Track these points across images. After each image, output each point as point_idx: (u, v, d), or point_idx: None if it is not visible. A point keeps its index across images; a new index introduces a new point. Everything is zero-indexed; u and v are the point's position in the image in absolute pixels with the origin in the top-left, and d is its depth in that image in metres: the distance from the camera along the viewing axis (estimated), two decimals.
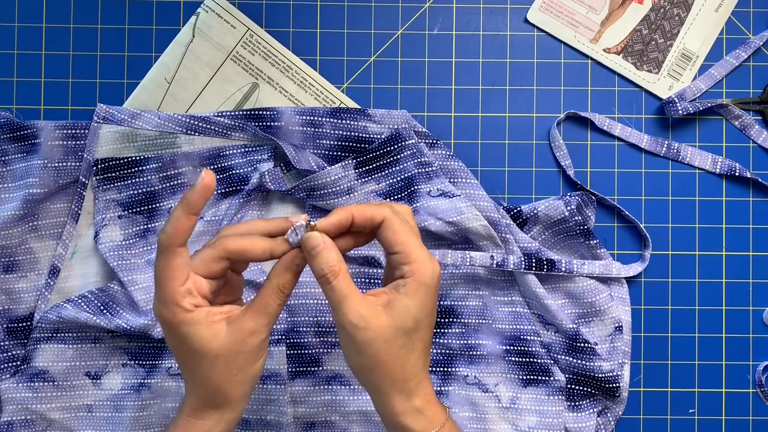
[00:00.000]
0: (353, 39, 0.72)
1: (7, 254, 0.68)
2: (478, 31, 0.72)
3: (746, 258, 0.72)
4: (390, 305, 0.50)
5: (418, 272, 0.49)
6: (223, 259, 0.50)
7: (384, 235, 0.51)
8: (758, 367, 0.71)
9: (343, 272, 0.49)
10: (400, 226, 0.50)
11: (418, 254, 0.50)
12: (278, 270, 0.51)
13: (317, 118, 0.69)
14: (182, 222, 0.48)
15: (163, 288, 0.48)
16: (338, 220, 0.50)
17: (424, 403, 0.52)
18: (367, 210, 0.51)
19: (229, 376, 0.50)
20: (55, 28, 0.71)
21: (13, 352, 0.68)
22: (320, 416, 0.68)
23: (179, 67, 0.70)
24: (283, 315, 0.68)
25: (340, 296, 0.49)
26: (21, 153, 0.68)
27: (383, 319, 0.49)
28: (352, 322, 0.49)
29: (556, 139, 0.71)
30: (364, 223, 0.51)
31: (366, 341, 0.49)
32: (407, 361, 0.50)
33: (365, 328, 0.49)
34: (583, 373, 0.68)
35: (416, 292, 0.49)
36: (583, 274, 0.68)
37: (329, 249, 0.50)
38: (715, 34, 0.72)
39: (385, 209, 0.51)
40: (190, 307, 0.49)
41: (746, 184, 0.72)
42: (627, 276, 0.69)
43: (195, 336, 0.49)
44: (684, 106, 0.70)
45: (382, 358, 0.49)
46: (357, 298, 0.49)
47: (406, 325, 0.49)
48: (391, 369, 0.50)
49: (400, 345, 0.50)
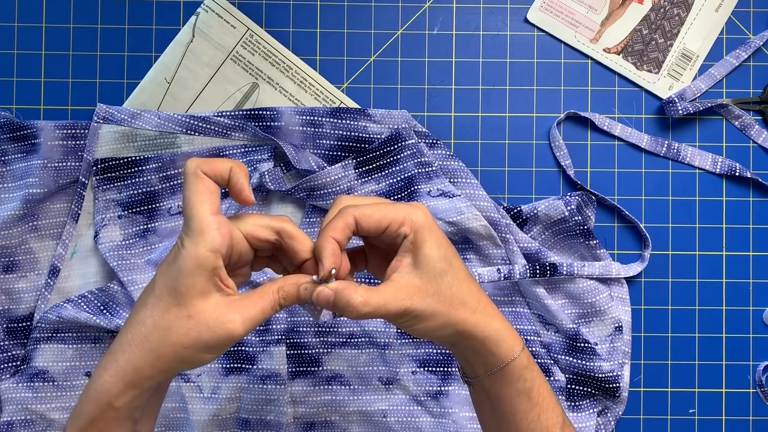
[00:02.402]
0: (353, 39, 0.72)
1: (7, 254, 0.68)
2: (478, 31, 0.72)
3: (746, 258, 0.72)
4: (413, 266, 0.49)
5: (413, 222, 0.49)
6: (273, 232, 0.49)
7: (366, 225, 0.49)
8: (758, 367, 0.71)
9: (367, 295, 0.47)
10: (369, 207, 0.49)
11: (402, 211, 0.50)
12: (291, 281, 0.49)
13: (317, 118, 0.69)
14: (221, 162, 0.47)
15: (191, 212, 0.45)
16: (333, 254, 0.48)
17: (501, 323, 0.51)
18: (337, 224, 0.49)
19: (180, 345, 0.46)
20: (55, 28, 0.71)
21: (13, 352, 0.68)
22: (320, 416, 0.68)
23: (179, 67, 0.70)
24: (283, 315, 0.68)
25: (383, 309, 0.48)
26: (21, 153, 0.68)
27: (416, 281, 0.49)
28: (402, 309, 0.48)
29: (556, 139, 0.71)
30: (346, 235, 0.49)
31: (421, 308, 0.49)
32: (463, 294, 0.50)
33: (412, 301, 0.48)
34: (583, 373, 0.68)
35: (424, 238, 0.49)
36: (583, 276, 0.68)
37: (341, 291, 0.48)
38: (715, 34, 0.72)
39: (349, 208, 0.49)
40: (213, 245, 0.45)
41: (746, 184, 0.72)
42: (627, 276, 0.69)
43: (188, 277, 0.45)
44: (684, 106, 0.70)
45: (442, 309, 0.49)
46: (389, 292, 0.48)
47: (438, 268, 0.49)
48: (456, 312, 0.49)
49: (446, 287, 0.49)
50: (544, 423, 0.52)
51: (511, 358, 0.51)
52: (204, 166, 0.46)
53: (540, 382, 0.53)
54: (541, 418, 0.52)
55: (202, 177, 0.46)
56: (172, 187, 0.69)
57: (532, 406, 0.52)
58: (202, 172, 0.46)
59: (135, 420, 0.48)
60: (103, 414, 0.47)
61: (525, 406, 0.52)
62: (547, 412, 0.53)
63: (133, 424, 0.48)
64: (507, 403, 0.52)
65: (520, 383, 0.51)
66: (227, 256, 0.47)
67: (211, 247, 0.45)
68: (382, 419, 0.68)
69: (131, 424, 0.48)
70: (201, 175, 0.46)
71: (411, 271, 0.49)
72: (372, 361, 0.69)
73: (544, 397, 0.53)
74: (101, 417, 0.47)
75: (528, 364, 0.52)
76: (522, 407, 0.52)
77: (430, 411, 0.69)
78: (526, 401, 0.52)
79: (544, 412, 0.52)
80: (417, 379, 0.69)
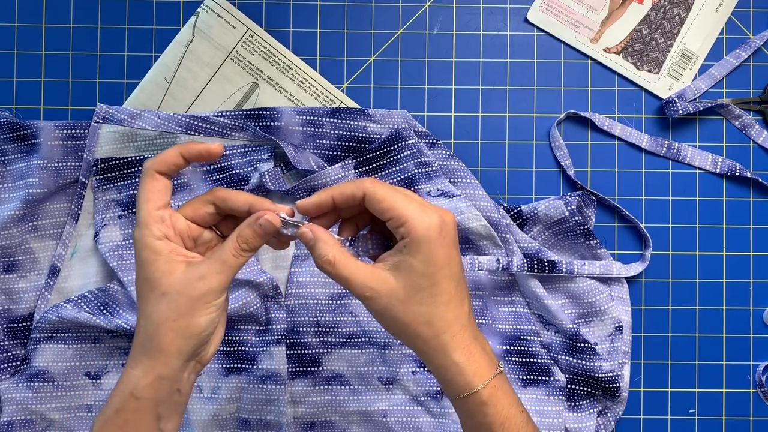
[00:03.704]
0: (353, 39, 0.72)
1: (7, 254, 0.68)
2: (478, 31, 0.72)
3: (746, 258, 0.72)
4: (397, 267, 0.50)
5: (414, 229, 0.49)
6: (209, 203, 0.51)
7: (371, 207, 0.50)
8: (758, 367, 0.71)
9: (339, 258, 0.50)
10: (384, 193, 0.50)
11: (410, 212, 0.49)
12: (243, 224, 0.51)
13: (317, 118, 0.69)
14: (170, 154, 0.50)
15: (139, 209, 0.50)
16: (318, 200, 0.51)
17: (464, 358, 0.50)
18: (345, 189, 0.51)
19: (168, 319, 0.49)
20: (55, 28, 0.71)
21: (13, 352, 0.68)
22: (320, 416, 0.68)
23: (179, 67, 0.70)
24: (283, 315, 0.68)
25: (344, 280, 0.50)
26: (21, 153, 0.68)
27: (392, 283, 0.49)
28: (364, 295, 0.49)
29: (556, 139, 0.71)
30: (347, 202, 0.51)
31: (382, 308, 0.49)
32: (432, 316, 0.50)
33: (377, 296, 0.49)
34: (583, 373, 0.68)
35: (417, 249, 0.49)
36: (583, 275, 0.68)
37: (320, 241, 0.50)
38: (715, 34, 0.72)
39: (365, 183, 0.50)
40: (158, 234, 0.49)
41: (746, 184, 0.72)
42: (627, 276, 0.69)
43: (152, 265, 0.49)
44: (684, 106, 0.70)
45: (404, 319, 0.50)
46: (361, 273, 0.49)
47: (417, 282, 0.49)
48: (417, 327, 0.50)
49: (417, 302, 0.49)
50: None
51: (466, 393, 0.50)
52: (156, 164, 0.50)
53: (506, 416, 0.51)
54: None
55: (153, 176, 0.50)
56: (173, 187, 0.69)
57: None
58: (155, 171, 0.50)
59: (158, 416, 0.50)
60: (126, 404, 0.49)
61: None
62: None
63: (157, 420, 0.50)
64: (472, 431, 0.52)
65: (479, 417, 0.51)
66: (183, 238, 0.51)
67: (156, 236, 0.49)
68: (382, 419, 0.68)
69: (154, 420, 0.50)
70: (153, 174, 0.50)
71: (392, 270, 0.50)
72: (372, 361, 0.69)
73: None
74: (124, 407, 0.49)
75: (488, 401, 0.50)
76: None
77: (430, 411, 0.69)
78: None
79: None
80: (417, 379, 0.69)
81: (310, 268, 0.69)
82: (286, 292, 0.68)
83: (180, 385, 0.50)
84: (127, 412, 0.50)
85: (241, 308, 0.66)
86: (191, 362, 0.51)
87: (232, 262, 0.50)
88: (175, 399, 0.51)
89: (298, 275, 0.68)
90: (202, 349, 0.51)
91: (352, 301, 0.69)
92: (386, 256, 0.51)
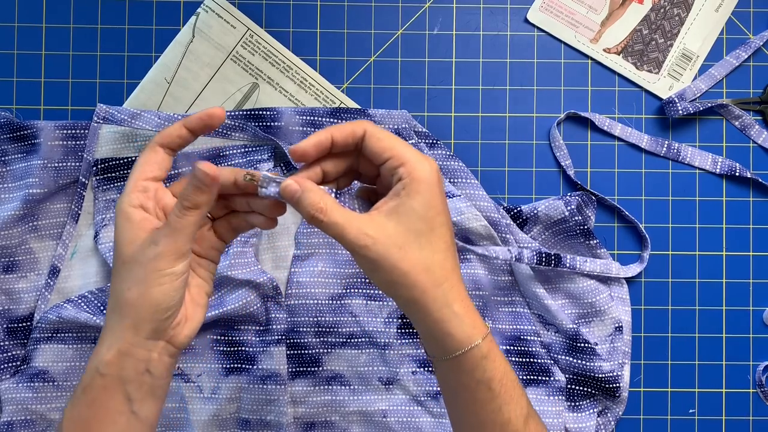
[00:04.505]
0: (353, 39, 0.72)
1: (7, 254, 0.68)
2: (478, 31, 0.72)
3: (746, 258, 0.72)
4: (394, 211, 0.47)
5: (414, 170, 0.47)
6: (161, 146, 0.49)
7: (369, 147, 0.48)
8: (758, 367, 0.71)
9: (331, 205, 0.47)
10: (383, 134, 0.48)
11: (410, 154, 0.48)
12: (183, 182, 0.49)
13: (317, 118, 0.69)
14: (174, 126, 0.49)
15: (129, 175, 0.49)
16: (317, 140, 0.48)
17: (463, 309, 0.48)
18: (345, 127, 0.49)
19: (125, 289, 0.47)
20: (55, 28, 0.71)
21: (13, 352, 0.68)
22: (320, 416, 0.68)
23: (179, 67, 0.70)
24: (283, 315, 0.68)
25: (338, 228, 0.46)
26: (21, 153, 0.68)
27: (390, 227, 0.47)
28: (359, 244, 0.46)
29: (556, 139, 0.71)
30: (346, 140, 0.49)
31: (380, 255, 0.46)
32: (432, 263, 0.47)
33: (374, 242, 0.46)
34: (583, 373, 0.68)
35: (417, 191, 0.47)
36: (584, 271, 0.68)
37: (308, 191, 0.47)
38: (715, 34, 0.72)
39: (364, 122, 0.49)
40: (135, 203, 0.48)
41: (746, 184, 0.72)
42: (626, 276, 0.69)
43: (121, 233, 0.47)
44: (684, 106, 0.70)
45: (402, 266, 0.47)
46: (356, 220, 0.47)
47: (416, 226, 0.47)
48: (416, 275, 0.47)
49: (416, 247, 0.47)
50: (506, 415, 0.49)
51: (468, 346, 0.48)
52: (159, 137, 0.49)
53: (503, 372, 0.50)
54: (503, 410, 0.49)
55: (153, 147, 0.49)
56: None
57: (492, 396, 0.49)
58: (156, 143, 0.49)
59: (128, 397, 0.48)
60: (93, 381, 0.48)
61: (484, 396, 0.49)
62: (510, 404, 0.50)
63: (128, 401, 0.48)
64: (466, 392, 0.50)
65: (478, 373, 0.49)
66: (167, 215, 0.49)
67: (132, 203, 0.48)
68: (382, 419, 0.68)
69: (124, 400, 0.48)
70: (154, 146, 0.49)
71: (389, 214, 0.47)
72: (372, 361, 0.69)
73: (507, 388, 0.50)
74: (91, 385, 0.48)
75: (488, 354, 0.49)
76: (481, 397, 0.49)
77: (430, 411, 0.69)
78: (486, 391, 0.49)
79: (506, 403, 0.50)
80: (417, 379, 0.69)
81: (310, 269, 0.69)
82: (286, 292, 0.68)
83: (149, 366, 0.48)
84: (93, 390, 0.48)
85: (241, 308, 0.66)
86: (159, 342, 0.48)
87: (176, 222, 0.46)
88: (146, 380, 0.48)
89: (298, 275, 0.68)
90: (167, 328, 0.48)
91: (352, 301, 0.69)
92: (380, 203, 0.48)
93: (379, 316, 0.69)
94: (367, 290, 0.69)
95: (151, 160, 0.49)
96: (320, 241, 0.69)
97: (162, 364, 0.48)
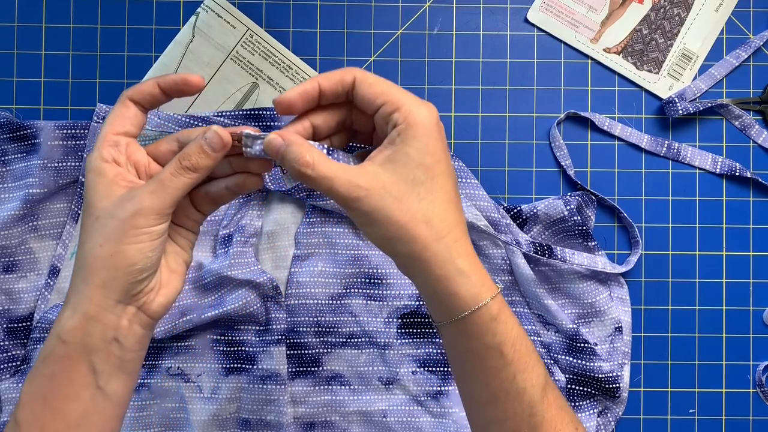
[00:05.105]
0: (353, 39, 0.72)
1: (7, 254, 0.68)
2: (478, 31, 0.72)
3: (746, 258, 0.71)
4: (389, 160, 0.43)
5: (411, 114, 0.43)
6: (174, 140, 0.47)
7: (361, 93, 0.45)
8: (758, 367, 0.71)
9: (318, 158, 0.43)
10: (375, 78, 0.45)
11: (406, 98, 0.44)
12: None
13: None
14: (148, 84, 0.46)
15: (101, 129, 0.46)
16: (303, 89, 0.45)
17: (469, 265, 0.44)
18: (332, 74, 0.45)
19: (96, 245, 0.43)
20: (55, 28, 0.71)
21: (13, 352, 0.68)
22: (320, 416, 0.68)
23: (179, 67, 0.70)
24: (283, 315, 0.68)
25: (327, 181, 0.43)
26: (21, 153, 0.68)
27: (384, 176, 0.43)
28: (351, 196, 0.42)
29: (556, 139, 0.71)
30: (334, 88, 0.45)
31: (374, 207, 0.42)
32: (432, 214, 0.43)
33: (367, 194, 0.42)
34: (583, 373, 0.68)
35: (414, 136, 0.43)
36: (573, 263, 0.68)
37: (294, 144, 0.43)
38: (715, 33, 0.72)
39: (353, 69, 0.45)
40: (107, 157, 0.45)
41: (746, 184, 0.72)
42: (613, 272, 0.69)
43: (93, 188, 0.44)
44: (684, 106, 0.70)
45: (399, 218, 0.43)
46: (346, 172, 0.43)
47: (413, 174, 0.43)
48: (415, 227, 0.43)
49: (414, 197, 0.43)
50: (521, 384, 0.45)
51: (475, 306, 0.43)
52: (130, 91, 0.46)
53: (516, 336, 0.45)
54: (517, 378, 0.45)
55: (124, 102, 0.46)
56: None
57: (505, 363, 0.44)
58: (127, 98, 0.46)
59: (93, 369, 0.44)
60: (55, 350, 0.44)
61: (496, 364, 0.44)
62: (525, 372, 0.45)
63: (93, 373, 0.44)
64: (475, 359, 0.45)
65: (487, 337, 0.44)
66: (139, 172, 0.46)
67: (104, 158, 0.45)
68: (382, 419, 0.68)
69: (89, 372, 0.44)
70: (125, 100, 0.46)
71: (383, 164, 0.43)
72: (372, 361, 0.69)
73: (521, 354, 0.45)
74: (51, 354, 0.44)
75: (498, 316, 0.44)
76: (492, 364, 0.44)
77: (430, 411, 0.69)
78: (498, 358, 0.44)
79: (521, 371, 0.45)
80: (417, 379, 0.69)
81: (310, 269, 0.69)
82: (286, 292, 0.68)
83: (118, 334, 0.44)
84: (54, 360, 0.44)
85: (241, 308, 0.66)
86: (129, 307, 0.44)
87: (169, 181, 0.44)
88: (114, 351, 0.44)
89: (298, 275, 0.68)
90: (139, 292, 0.44)
91: (352, 301, 0.69)
92: (374, 153, 0.44)
93: (379, 316, 0.69)
94: (367, 290, 0.69)
95: (122, 114, 0.46)
96: (320, 241, 0.69)
97: (132, 335, 0.45)
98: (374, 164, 0.44)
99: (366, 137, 0.49)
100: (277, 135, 0.44)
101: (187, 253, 0.49)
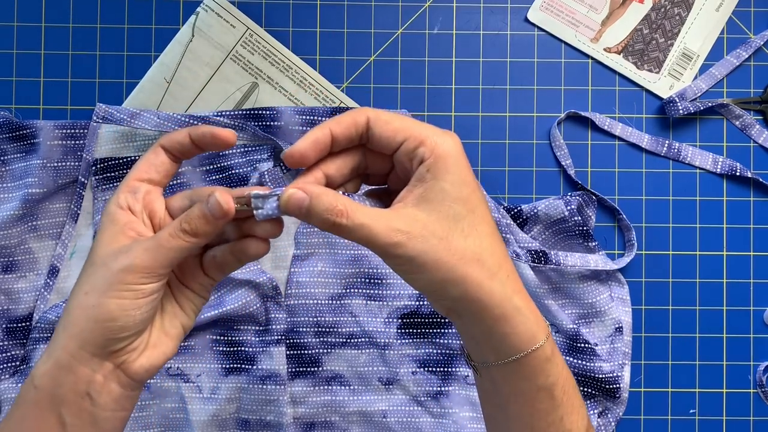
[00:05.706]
0: (353, 38, 0.72)
1: (6, 254, 0.68)
2: (478, 31, 0.72)
3: (747, 258, 0.71)
4: (423, 199, 0.40)
5: (437, 146, 0.40)
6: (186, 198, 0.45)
7: (378, 133, 0.41)
8: (759, 368, 0.71)
9: (350, 205, 0.39)
10: (390, 115, 0.42)
11: (428, 130, 0.41)
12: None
13: (317, 117, 0.69)
14: (180, 134, 0.44)
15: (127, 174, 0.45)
16: (314, 138, 0.41)
17: (524, 302, 0.41)
18: (344, 117, 0.41)
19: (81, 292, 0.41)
20: (55, 27, 0.71)
21: (12, 352, 0.68)
22: (320, 416, 0.68)
23: (179, 66, 0.70)
24: (282, 315, 0.68)
25: (365, 229, 0.39)
26: (20, 153, 0.68)
27: (422, 216, 0.40)
28: (392, 242, 0.39)
29: (556, 138, 0.71)
30: (348, 132, 0.42)
31: (419, 251, 0.39)
32: (481, 250, 0.40)
33: (408, 239, 0.39)
34: (583, 373, 0.67)
35: (446, 169, 0.40)
36: (567, 266, 0.68)
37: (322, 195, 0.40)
38: (715, 33, 0.72)
39: (366, 109, 0.42)
40: (122, 203, 0.43)
41: (747, 184, 0.72)
42: (605, 268, 0.68)
43: (102, 232, 0.43)
44: (684, 106, 0.70)
45: (448, 259, 0.39)
46: (382, 216, 0.39)
47: (453, 210, 0.40)
48: (466, 268, 0.40)
49: (459, 235, 0.40)
50: (567, 426, 0.43)
51: (533, 347, 0.41)
52: (163, 139, 0.45)
53: (565, 376, 0.43)
54: (564, 421, 0.43)
55: (155, 149, 0.45)
56: (172, 187, 0.69)
57: (554, 406, 0.42)
58: (160, 145, 0.45)
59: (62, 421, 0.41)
60: (27, 393, 0.42)
61: (545, 406, 0.42)
62: (571, 414, 0.43)
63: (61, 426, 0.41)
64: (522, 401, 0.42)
65: (541, 378, 0.42)
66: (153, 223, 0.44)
67: (120, 204, 0.43)
68: (382, 419, 0.68)
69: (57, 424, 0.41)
70: (157, 147, 0.45)
71: (418, 203, 0.40)
72: (372, 362, 0.69)
73: (569, 395, 0.43)
74: (23, 398, 0.42)
75: (552, 357, 0.42)
76: (542, 407, 0.42)
77: (430, 411, 0.69)
78: (548, 400, 0.42)
79: (569, 413, 0.43)
80: (417, 379, 0.69)
81: (310, 268, 0.68)
82: (286, 292, 0.68)
83: (90, 389, 0.41)
84: (25, 405, 0.41)
85: (241, 308, 0.66)
86: (106, 362, 0.41)
87: (166, 241, 0.41)
88: (85, 407, 0.41)
89: (298, 275, 0.68)
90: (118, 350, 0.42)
91: (352, 301, 0.69)
92: (403, 194, 0.41)
93: (379, 316, 0.69)
94: (367, 290, 0.69)
95: (150, 160, 0.44)
96: (320, 241, 0.69)
97: (108, 393, 0.42)
98: (407, 205, 0.40)
99: (379, 180, 0.46)
100: (297, 189, 0.40)
101: (189, 318, 0.46)
